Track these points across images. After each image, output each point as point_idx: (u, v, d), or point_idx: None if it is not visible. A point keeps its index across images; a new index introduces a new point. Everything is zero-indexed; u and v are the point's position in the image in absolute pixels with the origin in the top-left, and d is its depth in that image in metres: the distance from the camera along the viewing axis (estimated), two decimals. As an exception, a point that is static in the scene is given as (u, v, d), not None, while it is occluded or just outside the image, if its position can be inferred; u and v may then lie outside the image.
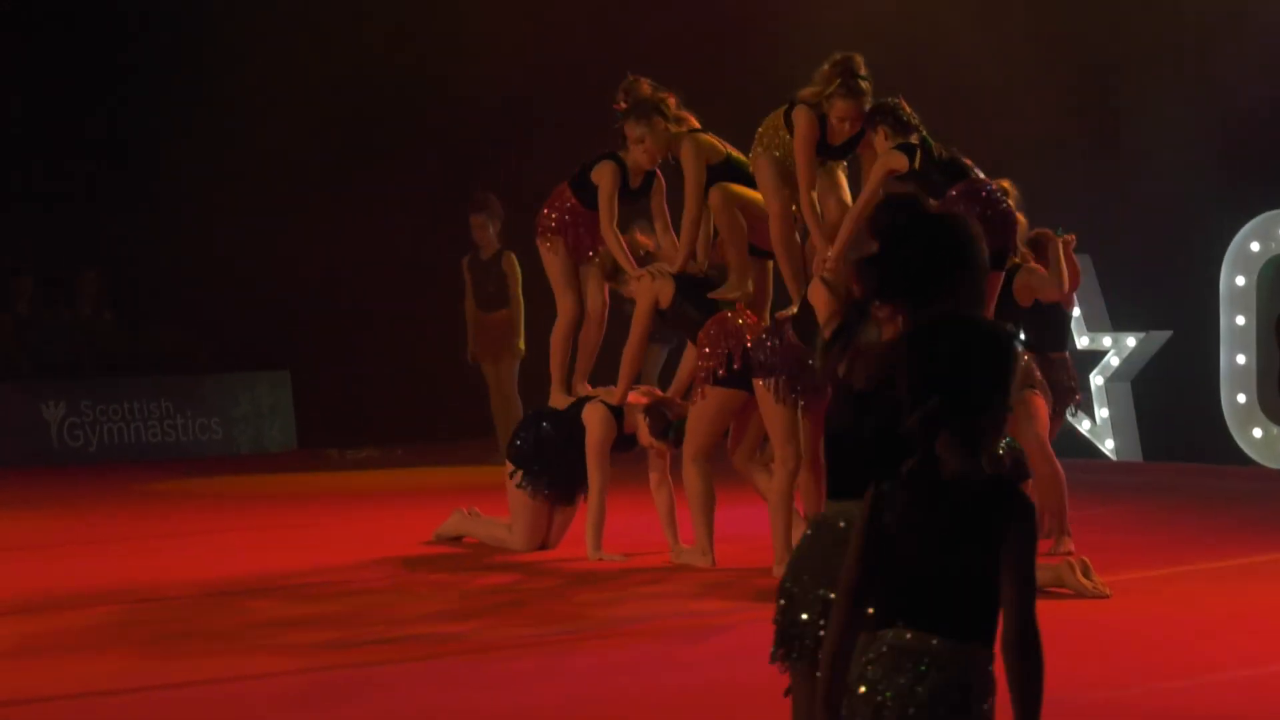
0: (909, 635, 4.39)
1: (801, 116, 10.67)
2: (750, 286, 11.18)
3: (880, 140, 10.52)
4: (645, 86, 11.54)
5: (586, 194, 11.68)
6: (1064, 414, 11.93)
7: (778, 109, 10.90)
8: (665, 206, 11.77)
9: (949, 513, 4.42)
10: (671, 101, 11.47)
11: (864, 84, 10.58)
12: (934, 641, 4.37)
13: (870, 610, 4.48)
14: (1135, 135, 16.74)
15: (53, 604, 9.97)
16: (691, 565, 11.04)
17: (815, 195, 10.76)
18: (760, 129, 10.94)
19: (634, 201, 11.68)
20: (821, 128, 10.67)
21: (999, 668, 4.39)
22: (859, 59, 10.62)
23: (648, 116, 11.40)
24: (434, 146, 19.76)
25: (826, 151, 10.76)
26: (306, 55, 19.33)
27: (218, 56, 19.34)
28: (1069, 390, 11.79)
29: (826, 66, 10.65)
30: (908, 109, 10.62)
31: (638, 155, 11.49)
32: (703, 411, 10.99)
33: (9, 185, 19.39)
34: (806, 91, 10.70)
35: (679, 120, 11.44)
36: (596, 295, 11.98)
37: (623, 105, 11.54)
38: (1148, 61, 16.66)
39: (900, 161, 10.39)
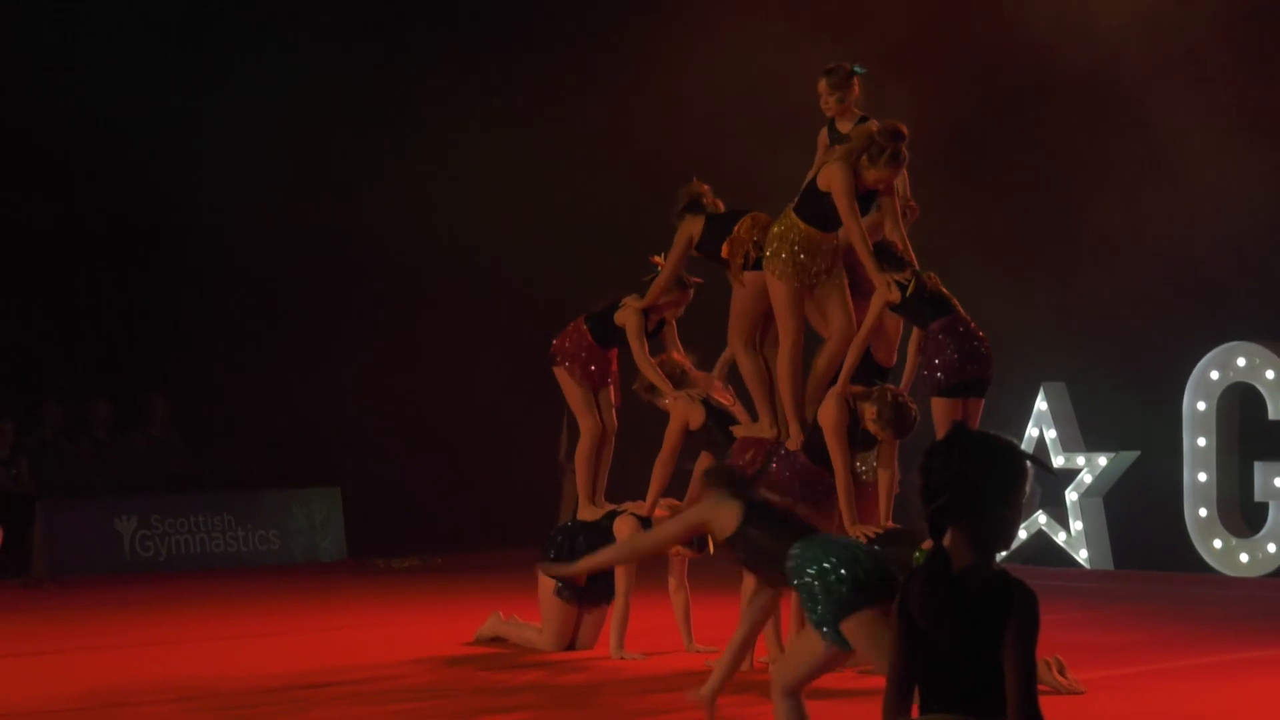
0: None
1: (840, 173, 10.36)
2: (775, 432, 11.04)
3: (874, 273, 10.57)
4: (703, 188, 11.44)
5: (603, 332, 11.83)
6: None
7: (779, 217, 10.79)
8: (676, 336, 11.82)
9: (960, 603, 4.54)
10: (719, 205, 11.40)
11: (907, 154, 10.48)
12: None
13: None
14: (1106, 274, 16.88)
15: (124, 700, 10.04)
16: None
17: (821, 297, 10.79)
18: (771, 241, 10.71)
19: (649, 339, 11.71)
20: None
21: None
22: (904, 128, 10.44)
23: (685, 214, 11.39)
24: (467, 277, 19.92)
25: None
26: (351, 188, 19.49)
27: (269, 195, 19.54)
28: None
29: (875, 130, 10.41)
30: (899, 246, 10.74)
31: (664, 309, 11.62)
32: None
33: (88, 322, 19.57)
34: (840, 150, 10.48)
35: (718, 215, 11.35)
36: (608, 417, 12.13)
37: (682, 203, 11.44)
38: (1121, 202, 16.77)
39: (894, 295, 10.51)
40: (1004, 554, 13.72)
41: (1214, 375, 16.49)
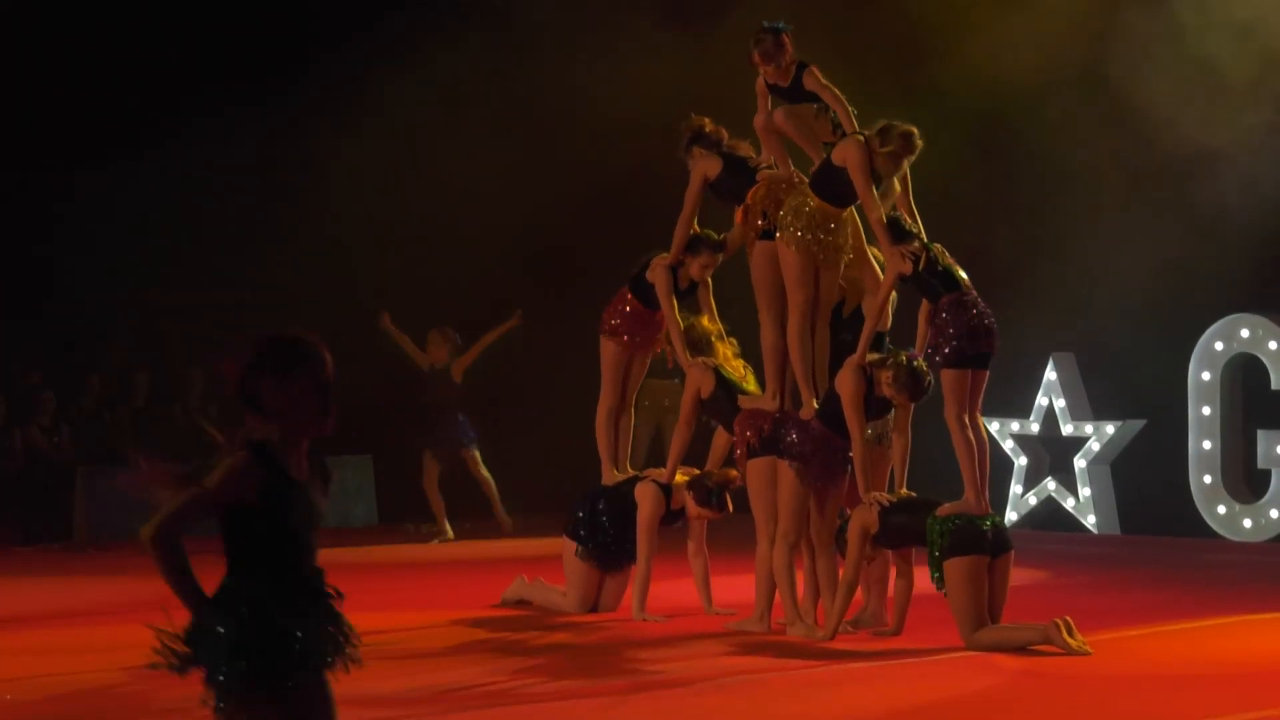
0: None
1: (856, 150, 10.35)
2: (777, 404, 10.97)
3: (886, 245, 10.53)
4: (706, 124, 11.36)
5: (644, 293, 11.73)
6: None
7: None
8: (711, 299, 11.68)
9: None
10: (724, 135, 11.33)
11: (906, 162, 10.43)
12: None
13: None
14: (1114, 250, 16.81)
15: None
16: (747, 630, 10.87)
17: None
18: (786, 214, 10.68)
19: (681, 299, 11.56)
20: None
21: None
22: (918, 138, 10.42)
23: (691, 148, 11.31)
24: (501, 255, 19.87)
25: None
26: (372, 158, 19.47)
27: (298, 170, 19.52)
28: None
29: (897, 132, 10.31)
30: (907, 219, 10.66)
31: (692, 269, 11.52)
32: (757, 488, 10.89)
33: (133, 299, 19.52)
34: (856, 131, 10.45)
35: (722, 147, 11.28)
36: (631, 388, 12.03)
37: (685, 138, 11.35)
38: (1133, 182, 16.67)
39: (906, 266, 10.45)
40: (1015, 519, 14.03)
41: (1218, 346, 16.45)
